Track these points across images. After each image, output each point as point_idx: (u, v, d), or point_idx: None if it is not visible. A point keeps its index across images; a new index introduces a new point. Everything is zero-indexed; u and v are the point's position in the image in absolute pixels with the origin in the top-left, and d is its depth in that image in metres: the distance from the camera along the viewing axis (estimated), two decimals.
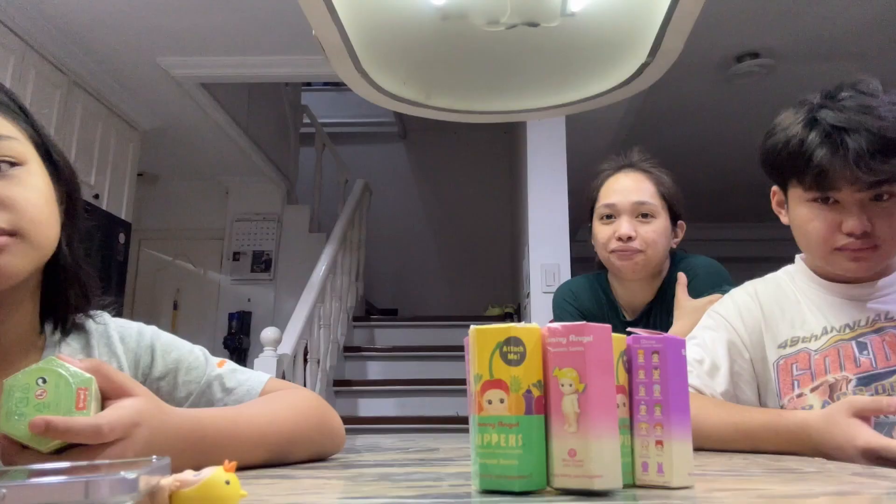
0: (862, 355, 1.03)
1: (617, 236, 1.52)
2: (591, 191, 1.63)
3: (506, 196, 6.01)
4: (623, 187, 1.56)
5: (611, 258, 1.55)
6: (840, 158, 0.96)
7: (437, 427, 3.77)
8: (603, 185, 1.60)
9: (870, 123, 0.95)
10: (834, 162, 0.97)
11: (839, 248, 1.03)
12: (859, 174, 0.96)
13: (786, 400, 1.08)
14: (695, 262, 1.59)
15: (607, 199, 1.56)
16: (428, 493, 0.52)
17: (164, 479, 0.39)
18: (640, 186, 1.55)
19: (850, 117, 0.97)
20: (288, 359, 3.41)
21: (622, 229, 1.51)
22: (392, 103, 1.62)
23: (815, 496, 0.51)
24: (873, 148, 0.94)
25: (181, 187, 5.40)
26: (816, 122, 1.00)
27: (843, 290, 1.10)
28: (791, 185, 1.07)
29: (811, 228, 1.05)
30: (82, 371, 0.57)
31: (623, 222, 1.52)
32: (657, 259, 1.54)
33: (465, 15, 1.37)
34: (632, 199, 1.53)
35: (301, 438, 0.80)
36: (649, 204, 1.53)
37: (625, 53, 1.50)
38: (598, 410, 0.48)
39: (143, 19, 3.28)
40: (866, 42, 3.50)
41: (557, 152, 3.52)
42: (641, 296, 1.60)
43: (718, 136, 4.70)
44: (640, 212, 1.53)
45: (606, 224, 1.56)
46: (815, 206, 1.03)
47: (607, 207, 1.56)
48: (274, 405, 0.81)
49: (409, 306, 5.99)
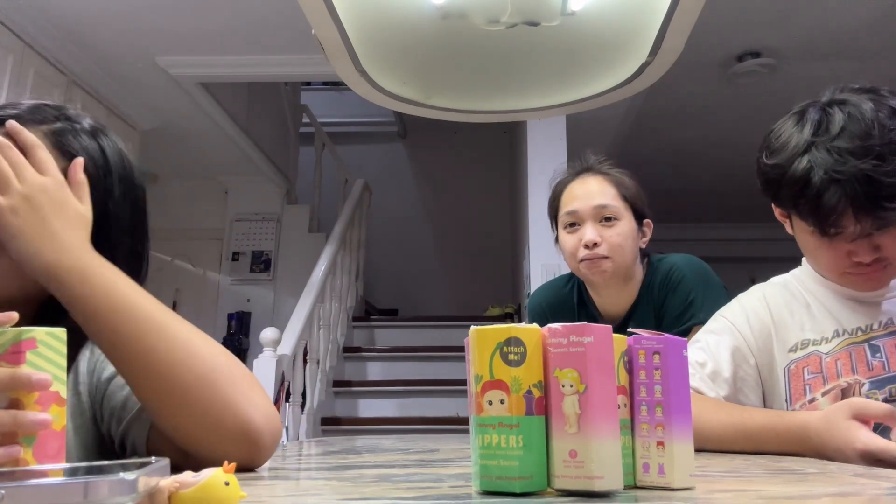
0: (875, 358, 1.02)
1: (583, 244, 1.49)
2: (552, 200, 1.60)
3: (506, 196, 6.01)
4: (583, 192, 1.52)
5: (580, 268, 1.52)
6: (842, 206, 0.95)
7: (437, 428, 3.77)
8: (563, 192, 1.56)
9: (870, 169, 0.93)
10: (835, 209, 0.95)
11: (849, 273, 1.04)
12: (866, 218, 0.95)
13: (797, 406, 1.07)
14: (677, 262, 1.55)
15: (569, 207, 1.52)
16: (428, 494, 0.52)
17: (163, 480, 0.39)
18: (601, 189, 1.51)
19: (848, 163, 0.94)
20: (287, 359, 3.40)
21: (587, 236, 1.48)
22: (392, 103, 1.62)
23: (816, 497, 0.51)
24: (874, 194, 0.93)
25: (181, 187, 5.40)
26: (813, 167, 0.97)
27: (853, 292, 1.09)
28: (793, 214, 1.06)
29: (819, 256, 1.06)
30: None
31: (587, 229, 1.49)
32: (625, 263, 1.51)
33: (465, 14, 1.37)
34: (593, 204, 1.49)
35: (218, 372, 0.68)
36: (611, 207, 1.50)
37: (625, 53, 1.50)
38: (599, 411, 0.48)
39: (142, 19, 3.28)
40: (866, 42, 3.50)
41: (557, 152, 3.52)
42: (619, 302, 1.57)
43: (719, 135, 4.70)
44: (603, 215, 1.49)
45: (571, 233, 1.52)
46: (823, 239, 1.02)
47: (570, 215, 1.52)
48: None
49: (409, 306, 5.99)
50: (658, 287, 1.54)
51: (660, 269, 1.55)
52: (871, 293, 1.08)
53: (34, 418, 0.53)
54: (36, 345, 0.55)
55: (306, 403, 3.71)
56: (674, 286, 1.52)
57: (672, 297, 1.52)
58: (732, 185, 5.38)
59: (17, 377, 0.53)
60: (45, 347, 0.55)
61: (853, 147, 0.94)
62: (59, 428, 0.55)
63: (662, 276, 1.54)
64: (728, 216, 6.07)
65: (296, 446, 1.35)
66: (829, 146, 0.96)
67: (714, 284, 1.52)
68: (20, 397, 0.54)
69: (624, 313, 1.57)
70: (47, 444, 0.54)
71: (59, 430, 0.55)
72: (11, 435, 0.53)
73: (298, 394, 3.58)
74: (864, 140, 0.94)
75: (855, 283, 1.06)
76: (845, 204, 0.94)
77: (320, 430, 3.91)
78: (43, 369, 0.55)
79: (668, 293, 1.52)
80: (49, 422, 0.54)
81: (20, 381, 0.53)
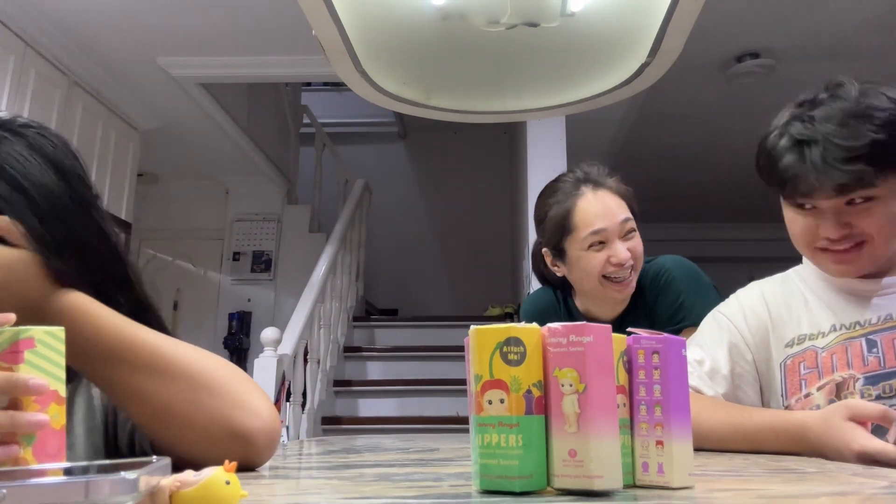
0: (871, 354, 1.02)
1: (616, 262, 1.44)
2: (558, 219, 1.48)
3: (506, 196, 6.01)
4: (605, 209, 1.45)
5: (604, 284, 1.47)
6: (803, 169, 1.00)
7: (437, 427, 3.77)
8: (574, 210, 1.46)
9: (831, 132, 0.98)
10: (798, 173, 1.00)
11: (822, 249, 1.06)
12: (823, 182, 0.98)
13: (793, 400, 1.07)
14: (665, 264, 1.54)
15: (595, 226, 1.44)
16: (428, 493, 0.52)
17: (164, 480, 0.39)
18: (618, 203, 1.47)
19: (814, 128, 0.99)
20: (288, 359, 3.41)
21: (621, 255, 1.43)
22: (392, 103, 1.62)
23: (815, 496, 0.51)
24: (832, 156, 0.97)
25: (181, 187, 5.40)
26: (786, 134, 1.04)
27: (851, 285, 1.09)
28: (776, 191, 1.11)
29: (794, 230, 1.09)
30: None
31: (617, 247, 1.44)
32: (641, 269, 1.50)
33: (465, 15, 1.37)
34: (619, 220, 1.45)
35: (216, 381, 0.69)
36: (631, 220, 1.47)
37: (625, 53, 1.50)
38: (599, 411, 0.48)
39: (142, 19, 3.29)
40: (866, 42, 3.50)
41: (557, 152, 3.52)
42: (614, 309, 1.55)
43: (718, 136, 4.70)
44: (627, 229, 1.46)
45: (599, 251, 1.45)
46: (797, 210, 1.06)
47: (597, 234, 1.44)
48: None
49: (410, 306, 5.99)
50: (648, 289, 1.53)
51: (649, 272, 1.53)
52: (865, 287, 1.08)
53: (31, 419, 0.53)
54: (34, 344, 0.55)
55: (307, 403, 3.72)
56: (663, 288, 1.51)
57: (662, 298, 1.51)
58: (732, 185, 5.39)
59: (13, 381, 0.53)
60: (43, 346, 0.55)
61: (824, 114, 1.00)
62: (58, 427, 0.55)
63: (652, 279, 1.53)
64: (727, 216, 6.07)
65: (296, 445, 1.35)
66: (805, 116, 1.02)
67: (704, 284, 1.51)
68: (18, 397, 0.54)
69: (616, 318, 1.55)
70: (47, 443, 0.54)
71: (58, 428, 0.55)
72: (10, 435, 0.53)
73: (299, 393, 3.58)
74: (837, 109, 1.00)
75: (828, 267, 1.07)
76: (801, 165, 0.99)
77: (321, 429, 3.91)
78: (41, 368, 0.55)
79: (659, 295, 1.51)
80: (46, 422, 0.54)
81: (17, 385, 0.53)
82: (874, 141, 0.95)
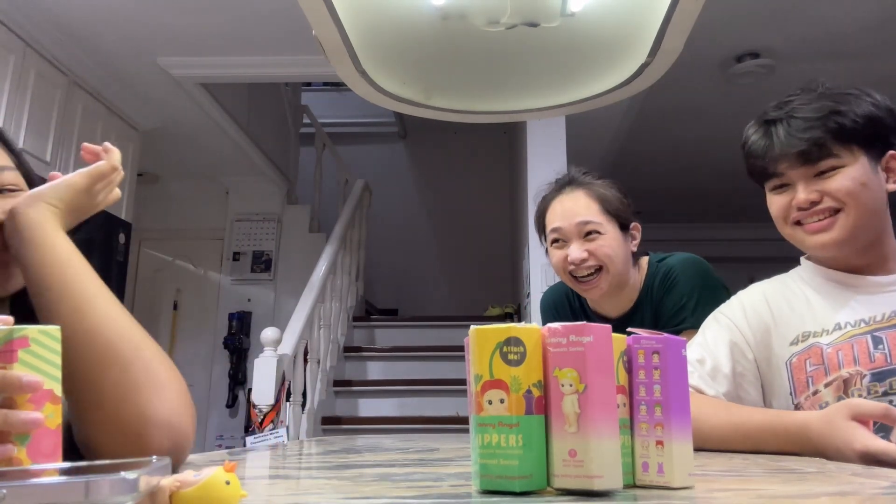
0: (877, 350, 1.02)
1: (570, 261, 1.50)
2: (538, 216, 1.61)
3: (506, 196, 6.00)
4: (566, 210, 1.53)
5: (572, 281, 1.54)
6: (769, 144, 1.09)
7: (437, 427, 3.77)
8: (548, 208, 1.57)
9: (795, 109, 1.08)
10: (765, 148, 1.10)
11: (796, 223, 1.10)
12: (786, 150, 1.06)
13: (802, 398, 1.07)
14: (675, 264, 1.56)
15: (553, 224, 1.54)
16: (428, 493, 0.52)
17: (164, 480, 0.39)
18: (585, 204, 1.52)
19: (781, 111, 1.10)
20: (288, 359, 3.41)
21: (573, 254, 1.49)
22: (392, 103, 1.62)
23: (815, 496, 0.51)
24: (794, 129, 1.07)
25: (181, 187, 5.40)
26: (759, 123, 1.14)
27: (855, 284, 1.09)
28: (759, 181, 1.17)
29: (773, 211, 1.14)
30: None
31: (573, 247, 1.50)
32: (619, 270, 1.51)
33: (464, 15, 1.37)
34: (575, 221, 1.50)
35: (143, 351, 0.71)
36: (593, 223, 1.50)
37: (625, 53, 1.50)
38: (599, 410, 0.48)
39: (143, 19, 3.28)
40: (866, 42, 3.50)
41: (557, 152, 3.52)
42: (618, 306, 1.58)
43: (718, 136, 4.69)
44: (586, 231, 1.50)
45: (558, 248, 1.54)
46: (775, 192, 1.13)
47: (554, 232, 1.54)
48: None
49: (410, 306, 5.99)
50: (656, 288, 1.54)
51: (659, 271, 1.55)
52: (872, 285, 1.08)
53: (25, 417, 0.53)
54: (28, 343, 0.55)
55: (307, 403, 3.72)
56: (669, 288, 1.52)
57: (667, 298, 1.52)
58: (732, 185, 5.38)
59: (6, 380, 0.53)
60: (37, 346, 0.55)
61: (794, 101, 1.10)
62: (53, 426, 0.55)
63: (661, 278, 1.55)
64: (727, 216, 6.07)
65: (296, 445, 1.35)
66: (778, 104, 1.12)
67: (711, 285, 1.51)
68: (12, 396, 0.54)
69: (623, 315, 1.57)
70: (41, 442, 0.54)
71: (53, 428, 0.55)
72: (4, 434, 0.53)
73: (299, 393, 3.58)
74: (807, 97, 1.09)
75: (808, 241, 1.10)
76: (769, 141, 1.09)
77: (321, 429, 3.91)
78: (36, 367, 0.55)
79: (665, 294, 1.53)
80: (41, 420, 0.54)
81: (10, 383, 0.53)
82: (833, 110, 1.04)
